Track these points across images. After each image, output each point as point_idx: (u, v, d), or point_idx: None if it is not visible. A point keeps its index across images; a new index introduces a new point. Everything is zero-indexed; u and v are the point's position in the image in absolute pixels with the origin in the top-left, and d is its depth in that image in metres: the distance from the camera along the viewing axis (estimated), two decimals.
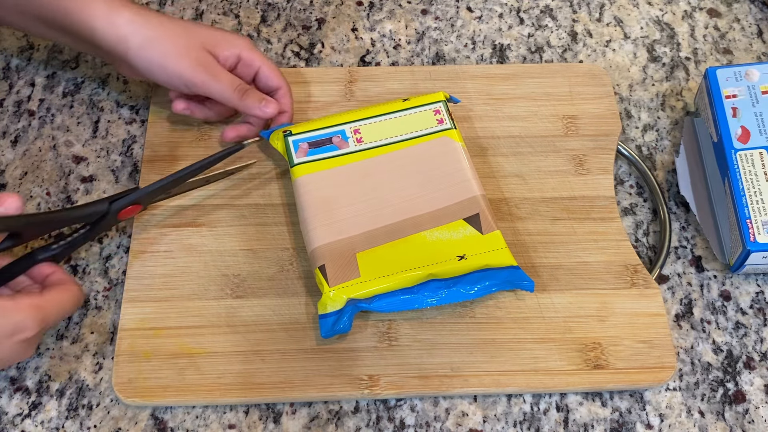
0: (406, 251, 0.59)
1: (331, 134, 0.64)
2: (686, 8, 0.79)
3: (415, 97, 0.67)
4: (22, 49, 0.75)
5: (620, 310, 0.61)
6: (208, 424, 0.57)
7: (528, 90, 0.71)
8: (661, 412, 0.59)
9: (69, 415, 0.57)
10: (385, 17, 0.78)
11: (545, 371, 0.58)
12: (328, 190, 0.62)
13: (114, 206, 0.59)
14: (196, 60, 0.61)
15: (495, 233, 0.60)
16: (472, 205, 0.61)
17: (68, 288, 0.55)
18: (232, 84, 0.63)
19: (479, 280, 0.58)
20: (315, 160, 0.63)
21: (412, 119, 0.65)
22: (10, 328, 0.51)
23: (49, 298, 0.53)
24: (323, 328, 0.57)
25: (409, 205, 0.61)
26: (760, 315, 0.63)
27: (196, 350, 0.58)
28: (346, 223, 0.60)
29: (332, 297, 0.57)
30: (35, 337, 0.53)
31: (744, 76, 0.66)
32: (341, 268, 0.58)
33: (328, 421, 0.58)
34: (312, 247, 0.60)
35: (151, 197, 0.61)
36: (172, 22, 0.63)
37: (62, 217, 0.58)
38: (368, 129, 0.65)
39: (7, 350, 0.52)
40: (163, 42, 0.61)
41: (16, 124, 0.70)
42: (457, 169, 0.63)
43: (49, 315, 0.53)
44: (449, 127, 0.65)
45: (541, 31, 0.77)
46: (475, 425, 0.58)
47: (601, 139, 0.69)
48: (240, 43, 0.64)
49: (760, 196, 0.61)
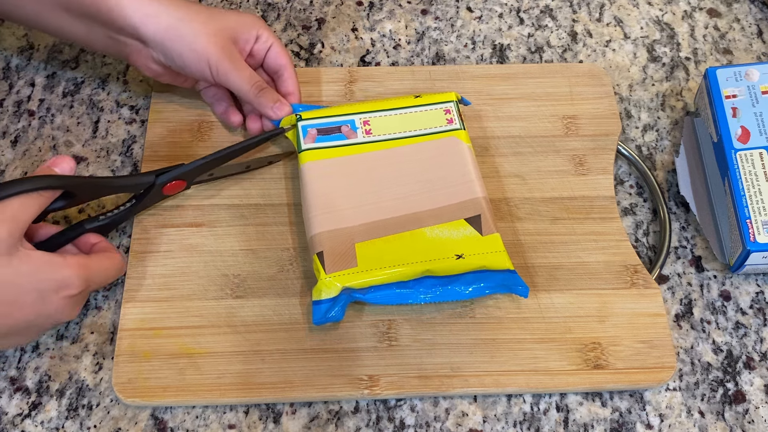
0: (404, 245, 0.59)
1: (340, 123, 0.65)
2: (686, 8, 0.79)
3: (427, 94, 0.67)
4: (22, 49, 0.75)
5: (620, 310, 0.61)
6: (208, 424, 0.57)
7: (528, 90, 0.71)
8: (661, 412, 0.59)
9: (69, 415, 0.57)
10: (385, 17, 0.78)
11: (545, 371, 0.58)
12: (332, 179, 0.62)
13: (159, 179, 0.61)
14: (223, 47, 0.62)
15: (494, 236, 0.60)
16: (474, 206, 0.61)
17: (113, 255, 0.58)
18: (251, 79, 0.63)
19: (475, 281, 0.58)
20: (322, 148, 0.63)
21: (423, 116, 0.65)
22: (56, 283, 0.53)
23: (95, 260, 0.56)
24: (316, 315, 0.57)
25: (412, 200, 0.61)
26: (760, 315, 0.63)
27: (196, 350, 0.58)
28: (347, 213, 0.60)
29: (327, 284, 0.57)
30: (80, 296, 0.55)
31: (744, 76, 0.67)
32: (339, 256, 0.58)
33: (328, 421, 0.58)
34: (312, 233, 0.60)
35: (195, 174, 0.63)
36: (197, 5, 0.63)
37: (111, 183, 0.61)
38: (378, 122, 0.65)
39: (54, 306, 0.53)
40: (194, 23, 0.61)
41: (16, 124, 0.70)
42: (462, 170, 0.63)
43: (93, 275, 0.55)
44: (458, 128, 0.65)
45: (541, 31, 0.77)
46: (475, 425, 0.58)
47: (601, 139, 0.69)
48: (257, 23, 0.66)
49: (760, 196, 0.61)
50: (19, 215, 0.52)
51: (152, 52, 0.63)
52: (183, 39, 0.61)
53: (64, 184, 0.55)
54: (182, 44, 0.61)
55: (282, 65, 0.67)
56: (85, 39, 0.64)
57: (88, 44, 0.66)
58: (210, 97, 0.68)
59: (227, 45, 0.63)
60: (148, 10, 0.61)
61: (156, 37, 0.61)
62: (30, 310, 0.53)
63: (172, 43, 0.61)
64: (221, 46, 0.62)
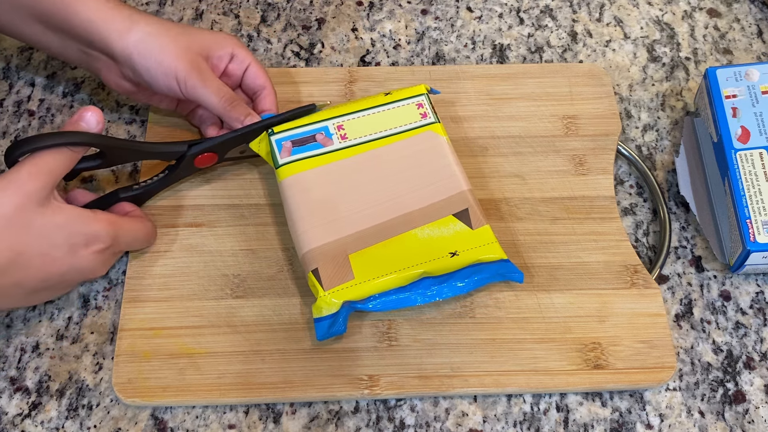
0: (398, 250, 0.59)
1: (314, 131, 0.64)
2: (686, 8, 0.79)
3: (396, 90, 0.66)
4: (22, 49, 0.75)
5: (620, 310, 0.61)
6: (208, 424, 0.57)
7: (528, 90, 0.71)
8: (661, 412, 0.59)
9: (69, 415, 0.57)
10: (385, 17, 0.78)
11: (545, 371, 0.58)
12: (315, 191, 0.61)
13: (191, 150, 0.62)
14: (191, 62, 0.61)
15: (485, 228, 0.60)
16: (460, 201, 0.61)
17: (143, 220, 0.60)
18: (219, 91, 0.62)
19: (471, 275, 0.58)
20: (299, 160, 0.62)
21: (396, 113, 0.65)
22: (86, 237, 0.54)
23: (125, 221, 0.58)
24: (319, 332, 0.57)
25: (398, 202, 0.61)
26: (760, 315, 0.63)
27: (196, 350, 0.58)
28: (336, 224, 0.60)
29: (327, 301, 0.56)
30: (109, 253, 0.57)
31: (744, 76, 0.67)
32: (335, 270, 0.58)
33: (328, 421, 0.58)
34: (303, 251, 0.59)
35: (225, 148, 0.63)
36: (170, 22, 0.63)
37: (143, 148, 0.62)
38: (352, 124, 0.64)
39: (84, 260, 0.55)
40: (163, 38, 0.61)
41: (16, 124, 0.70)
42: (443, 164, 0.62)
43: (122, 234, 0.57)
44: (433, 121, 0.64)
45: (541, 31, 0.77)
46: (475, 425, 0.58)
47: (601, 139, 0.69)
48: (231, 41, 0.65)
49: (760, 196, 0.61)
50: (53, 168, 0.54)
51: (122, 68, 0.62)
52: (151, 53, 0.61)
53: (96, 142, 0.57)
54: (150, 59, 0.61)
55: (260, 85, 0.66)
56: (59, 51, 0.64)
57: (62, 56, 0.65)
58: (197, 120, 0.67)
59: (196, 60, 0.62)
60: (119, 25, 0.60)
61: (125, 52, 0.61)
62: (62, 262, 0.54)
63: (140, 58, 0.61)
64: (189, 60, 0.61)
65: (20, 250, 0.52)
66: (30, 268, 0.53)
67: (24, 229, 0.52)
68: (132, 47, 0.61)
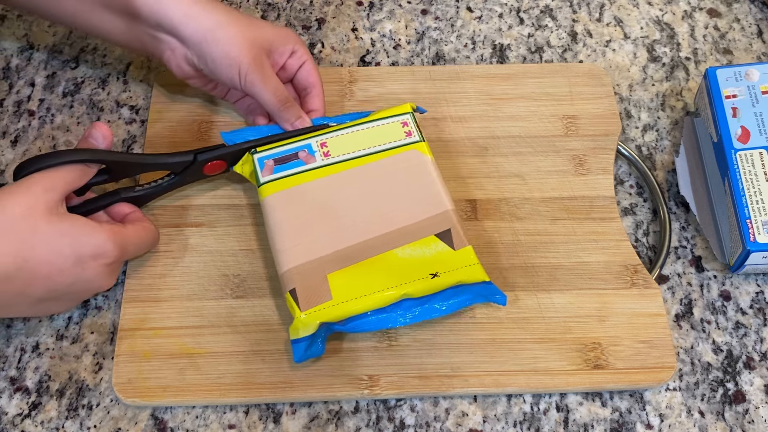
0: (378, 270, 0.57)
1: (297, 149, 0.63)
2: (686, 8, 0.79)
3: (381, 110, 0.65)
4: (22, 49, 0.75)
5: (620, 310, 0.61)
6: (208, 424, 0.57)
7: (528, 90, 0.71)
8: (661, 412, 0.59)
9: (69, 415, 0.57)
10: (385, 17, 0.78)
11: (545, 371, 0.58)
12: (296, 209, 0.60)
13: (199, 158, 0.62)
14: (255, 57, 0.62)
15: (467, 249, 0.58)
16: (443, 221, 0.59)
17: (146, 226, 0.60)
18: (276, 91, 0.63)
19: (452, 296, 0.57)
20: (281, 178, 0.61)
21: (380, 131, 0.64)
22: (92, 249, 0.54)
23: (130, 230, 0.58)
24: (296, 353, 0.56)
25: (380, 221, 0.60)
26: (760, 315, 0.63)
27: (196, 350, 0.58)
28: (315, 243, 0.58)
29: (304, 322, 0.55)
30: (116, 264, 0.56)
31: (744, 76, 0.67)
32: (312, 291, 0.56)
33: (328, 421, 0.58)
34: (282, 270, 0.58)
35: (235, 157, 0.63)
36: (237, 11, 0.64)
37: (149, 161, 0.61)
38: (335, 142, 0.63)
39: (92, 273, 0.55)
40: (232, 28, 0.62)
41: (16, 124, 0.70)
42: (427, 183, 0.61)
43: (128, 244, 0.57)
44: (418, 140, 0.63)
45: (541, 31, 0.77)
46: (475, 425, 0.58)
47: (601, 139, 0.69)
48: (294, 38, 0.66)
49: (760, 196, 0.61)
50: (68, 181, 0.55)
51: (187, 52, 0.63)
52: (219, 43, 0.61)
53: (98, 158, 0.57)
54: (217, 48, 0.61)
55: (312, 83, 0.67)
56: (123, 37, 0.64)
57: (125, 42, 0.66)
58: (245, 109, 0.69)
59: (260, 55, 0.63)
60: (189, 10, 0.61)
61: (194, 37, 0.61)
62: (68, 273, 0.54)
63: (207, 45, 0.61)
64: (254, 55, 0.62)
65: (26, 257, 0.52)
66: (36, 277, 0.53)
67: (30, 233, 0.52)
68: (201, 34, 0.61)
